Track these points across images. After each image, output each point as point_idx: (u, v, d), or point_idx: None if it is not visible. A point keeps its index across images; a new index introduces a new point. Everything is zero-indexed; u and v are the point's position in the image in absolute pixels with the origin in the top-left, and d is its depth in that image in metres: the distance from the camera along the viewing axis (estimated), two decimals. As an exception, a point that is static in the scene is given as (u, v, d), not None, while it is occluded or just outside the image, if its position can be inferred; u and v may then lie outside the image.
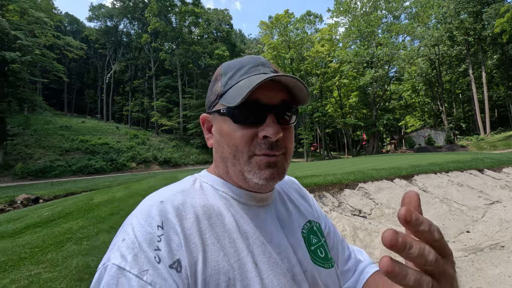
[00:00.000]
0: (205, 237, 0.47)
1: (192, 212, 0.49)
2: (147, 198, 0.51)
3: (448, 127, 37.29)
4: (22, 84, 24.28)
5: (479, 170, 7.73)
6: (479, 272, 3.11)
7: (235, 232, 0.50)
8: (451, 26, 35.64)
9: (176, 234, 0.45)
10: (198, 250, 0.45)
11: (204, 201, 0.52)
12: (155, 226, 0.44)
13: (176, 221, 0.46)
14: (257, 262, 0.48)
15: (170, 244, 0.43)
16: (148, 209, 0.47)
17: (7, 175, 22.10)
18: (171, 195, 0.50)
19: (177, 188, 0.53)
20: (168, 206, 0.47)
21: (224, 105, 0.52)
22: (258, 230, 0.52)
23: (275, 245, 0.53)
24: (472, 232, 4.50)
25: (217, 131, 0.55)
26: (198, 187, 0.55)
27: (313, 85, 40.90)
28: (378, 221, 4.90)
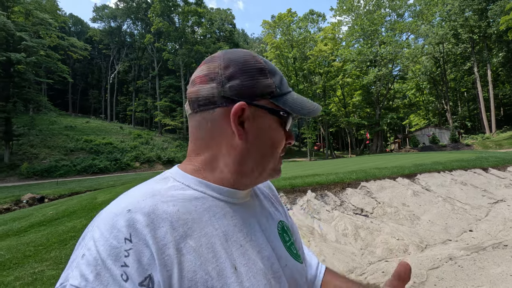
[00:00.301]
0: (180, 247, 0.42)
1: (165, 220, 0.43)
2: (111, 205, 0.44)
3: (453, 126, 36.93)
4: (27, 85, 24.55)
5: (484, 169, 7.66)
6: (481, 271, 3.09)
7: (213, 236, 0.46)
8: (456, 23, 35.27)
9: (147, 246, 0.40)
10: (173, 262, 0.41)
11: (179, 205, 0.46)
12: (121, 239, 0.39)
13: (147, 231, 0.41)
14: (236, 265, 0.46)
15: (140, 258, 0.39)
16: (113, 219, 0.41)
17: (13, 174, 22.38)
18: (140, 201, 0.44)
19: (146, 191, 0.46)
20: (137, 215, 0.41)
21: (279, 107, 0.52)
22: (237, 230, 0.50)
23: (255, 243, 0.51)
24: (475, 231, 4.47)
25: (262, 129, 0.51)
26: (171, 187, 0.49)
27: (316, 84, 40.80)
28: (380, 220, 4.89)
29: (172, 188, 0.49)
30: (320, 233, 4.43)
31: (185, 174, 0.52)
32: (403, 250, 3.97)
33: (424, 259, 3.57)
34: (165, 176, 0.52)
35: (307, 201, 5.39)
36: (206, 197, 0.50)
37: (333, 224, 4.70)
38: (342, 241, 4.26)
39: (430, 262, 3.45)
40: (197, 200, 0.49)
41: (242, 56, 0.52)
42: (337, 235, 4.39)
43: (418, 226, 4.73)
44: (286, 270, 0.54)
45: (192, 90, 0.52)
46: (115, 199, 0.46)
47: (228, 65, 0.51)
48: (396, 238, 4.22)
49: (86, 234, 0.42)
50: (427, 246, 4.08)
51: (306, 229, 4.47)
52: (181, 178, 0.51)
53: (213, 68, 0.51)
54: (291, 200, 5.50)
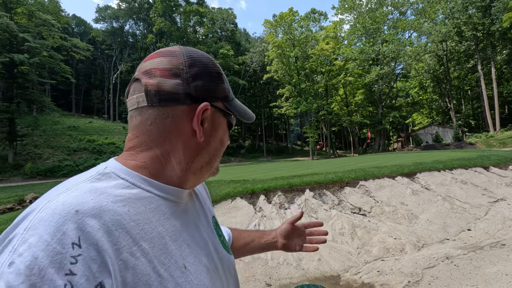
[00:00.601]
0: (133, 250, 0.40)
1: (117, 221, 0.40)
2: (51, 202, 0.38)
3: (456, 124, 36.65)
4: (30, 85, 24.73)
5: (485, 167, 7.60)
6: (477, 270, 3.07)
7: (164, 237, 0.45)
8: (459, 21, 34.98)
9: (98, 251, 0.36)
10: (127, 267, 0.38)
11: (129, 206, 0.43)
12: (68, 244, 0.34)
13: (100, 235, 0.37)
14: (186, 264, 0.46)
15: (91, 265, 0.35)
16: (57, 220, 0.36)
17: (17, 174, 22.59)
18: (88, 200, 0.39)
19: (90, 188, 0.42)
20: (87, 217, 0.37)
21: (231, 111, 0.56)
22: (183, 229, 0.51)
23: (199, 241, 0.53)
24: (473, 230, 4.44)
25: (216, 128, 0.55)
26: (117, 185, 0.45)
27: (318, 83, 40.67)
28: (378, 219, 4.87)
29: (118, 186, 0.45)
30: (317, 232, 4.43)
31: (129, 171, 0.48)
32: (400, 249, 3.95)
33: (420, 258, 3.55)
34: (106, 171, 0.47)
35: (305, 200, 5.39)
36: (153, 197, 0.48)
37: (330, 223, 4.69)
38: (338, 240, 4.25)
39: (426, 261, 3.43)
40: (145, 199, 0.46)
41: (204, 57, 0.53)
42: (334, 234, 4.38)
43: (416, 225, 4.70)
44: (223, 262, 0.58)
45: (150, 82, 0.49)
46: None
47: (192, 64, 0.51)
48: (393, 237, 4.20)
49: (14, 236, 0.35)
50: (424, 245, 4.06)
51: (303, 228, 4.46)
52: (125, 175, 0.47)
53: (177, 64, 0.50)
54: (289, 199, 5.50)
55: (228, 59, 44.83)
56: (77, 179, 0.44)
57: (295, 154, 52.23)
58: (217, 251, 0.58)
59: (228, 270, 0.59)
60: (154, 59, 0.51)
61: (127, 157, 0.50)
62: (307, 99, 36.29)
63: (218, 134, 0.55)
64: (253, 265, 3.61)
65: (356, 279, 3.25)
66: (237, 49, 53.48)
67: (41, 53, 24.50)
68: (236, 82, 45.83)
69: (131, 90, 0.52)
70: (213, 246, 0.57)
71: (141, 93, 0.49)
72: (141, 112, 0.50)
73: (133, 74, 0.52)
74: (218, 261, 0.56)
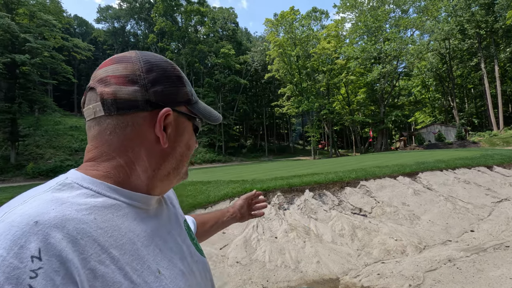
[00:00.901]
0: (102, 258, 0.38)
1: (81, 230, 0.38)
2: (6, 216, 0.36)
3: (459, 123, 36.33)
4: (32, 86, 24.79)
5: (488, 167, 7.47)
6: (480, 274, 2.98)
7: (135, 242, 0.44)
8: (462, 19, 34.63)
9: (61, 263, 0.34)
10: (95, 277, 0.36)
11: (95, 214, 0.41)
12: (26, 258, 0.32)
13: (64, 245, 0.35)
14: (160, 269, 0.46)
15: (53, 277, 0.33)
16: (14, 233, 0.33)
17: (19, 175, 22.67)
18: (49, 210, 0.37)
19: (50, 198, 0.39)
20: (48, 227, 0.35)
21: (195, 115, 0.56)
22: (154, 235, 0.50)
23: (171, 246, 0.53)
24: (476, 231, 4.34)
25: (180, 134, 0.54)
26: (80, 195, 0.42)
27: (320, 82, 40.49)
28: (379, 220, 4.78)
29: (82, 195, 0.43)
30: (316, 233, 4.35)
31: (93, 180, 0.46)
32: (401, 251, 3.86)
33: (421, 260, 3.46)
34: (67, 182, 0.44)
35: (304, 200, 5.31)
36: (121, 204, 0.46)
37: (330, 224, 4.61)
38: (338, 242, 4.17)
39: (427, 264, 3.34)
40: (112, 207, 0.44)
41: (162, 61, 0.52)
42: (334, 236, 4.30)
43: (417, 226, 4.61)
44: (198, 265, 0.58)
45: (106, 91, 0.47)
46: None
47: (150, 69, 0.49)
48: (394, 239, 4.11)
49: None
50: (426, 247, 3.97)
51: (302, 229, 4.39)
52: (88, 184, 0.45)
53: (133, 70, 0.48)
54: (288, 200, 5.42)
55: (229, 59, 44.72)
56: (36, 190, 0.42)
57: (297, 154, 52.08)
58: (192, 254, 0.58)
59: (204, 273, 0.60)
60: (108, 66, 0.49)
61: (88, 167, 0.48)
62: (309, 98, 36.14)
63: (183, 139, 0.54)
64: (250, 267, 3.54)
65: (356, 282, 3.18)
66: (238, 48, 53.36)
67: (43, 53, 24.55)
68: (237, 82, 45.73)
69: (87, 99, 0.49)
70: (188, 249, 0.57)
71: (97, 103, 0.47)
72: (99, 122, 0.48)
73: None
74: (193, 264, 0.56)
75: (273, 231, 4.42)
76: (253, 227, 4.46)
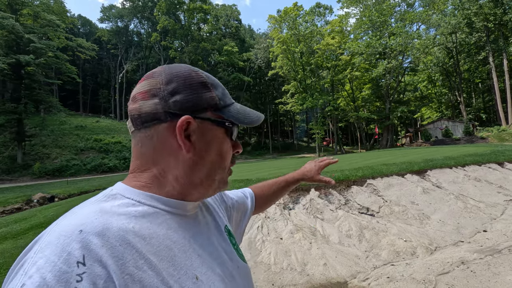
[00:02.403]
0: (140, 264, 0.41)
1: (121, 237, 0.41)
2: (57, 226, 0.40)
3: (467, 118, 35.71)
4: (37, 86, 24.99)
5: (499, 163, 7.27)
6: (496, 278, 2.84)
7: (172, 248, 0.46)
8: (469, 12, 33.89)
9: (103, 267, 0.37)
10: (133, 281, 0.39)
11: (133, 221, 0.45)
12: (73, 263, 0.36)
13: (104, 252, 0.38)
14: (197, 274, 0.47)
15: (96, 281, 0.36)
16: (63, 241, 0.37)
17: (26, 174, 22.93)
18: (92, 220, 0.41)
19: (95, 209, 0.44)
20: (90, 235, 0.39)
21: (225, 119, 0.54)
22: (193, 241, 0.52)
23: (210, 251, 0.54)
24: (489, 232, 4.18)
25: (209, 141, 0.53)
26: (121, 205, 0.47)
27: (324, 78, 40.12)
28: (387, 220, 4.64)
29: (123, 205, 0.47)
30: (322, 234, 4.24)
31: (134, 190, 0.50)
32: (411, 252, 3.73)
33: (433, 262, 3.33)
34: (112, 193, 0.49)
35: (310, 200, 5.19)
36: (159, 212, 0.49)
37: (337, 224, 4.49)
38: (345, 243, 4.05)
39: (440, 267, 3.21)
40: (150, 215, 0.48)
41: (184, 71, 0.53)
42: (341, 236, 4.18)
43: (427, 226, 4.47)
44: (239, 271, 0.58)
45: (133, 107, 0.51)
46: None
47: (170, 80, 0.51)
48: (404, 240, 3.98)
49: (26, 260, 0.37)
50: (437, 248, 3.83)
51: (308, 230, 4.28)
52: (130, 194, 0.49)
53: (155, 83, 0.51)
54: (294, 199, 5.31)
55: (233, 56, 44.56)
56: (86, 202, 0.47)
57: (301, 151, 51.85)
58: (232, 260, 0.58)
59: (245, 278, 0.59)
60: (138, 84, 0.54)
61: (131, 179, 0.53)
62: (313, 95, 35.85)
63: (212, 145, 0.53)
64: (255, 270, 3.44)
65: (365, 286, 3.06)
66: (241, 45, 53.14)
67: (47, 53, 24.71)
68: (241, 79, 45.59)
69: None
70: (227, 255, 0.58)
71: (128, 119, 0.53)
72: (133, 137, 0.53)
73: (139, 73, 0.56)
74: (233, 269, 0.56)
75: (278, 231, 4.32)
76: (257, 228, 4.36)
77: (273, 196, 1.01)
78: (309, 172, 1.04)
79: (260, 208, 0.97)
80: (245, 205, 0.88)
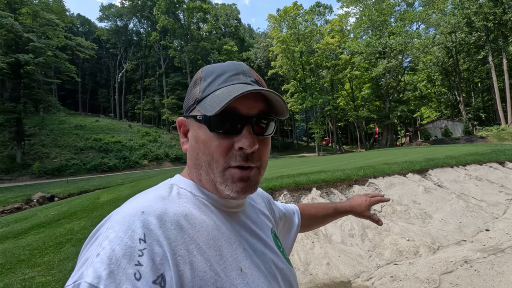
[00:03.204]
0: (191, 248, 0.45)
1: (176, 222, 0.45)
2: (124, 207, 0.46)
3: (466, 118, 35.76)
4: (36, 85, 24.92)
5: (500, 162, 7.27)
6: (500, 277, 2.83)
7: (219, 239, 0.49)
8: (469, 11, 33.91)
9: (160, 246, 0.41)
10: (185, 262, 0.43)
11: (186, 209, 0.49)
12: (136, 240, 0.41)
13: (160, 232, 0.43)
14: (242, 267, 0.49)
15: (154, 258, 0.40)
16: (128, 220, 0.43)
17: (26, 174, 22.87)
18: (152, 204, 0.46)
19: (155, 195, 0.49)
20: (151, 217, 0.44)
21: (201, 112, 0.51)
22: (239, 235, 0.54)
23: (255, 248, 0.55)
24: (492, 231, 4.18)
25: (193, 137, 0.54)
26: (176, 194, 0.52)
27: (324, 78, 40.11)
28: (389, 219, 4.64)
29: (178, 195, 0.52)
30: (324, 233, 4.23)
31: (188, 182, 0.56)
32: (414, 251, 3.73)
33: (436, 262, 3.32)
34: (170, 183, 0.55)
35: (312, 199, 5.18)
36: (208, 204, 0.53)
37: (339, 223, 4.48)
38: (348, 242, 4.04)
39: (443, 266, 3.20)
40: (201, 206, 0.52)
41: (197, 73, 0.58)
42: (343, 236, 4.18)
43: (430, 225, 4.46)
44: (282, 273, 0.58)
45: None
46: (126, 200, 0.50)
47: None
48: (406, 239, 3.97)
49: (100, 234, 0.43)
50: (440, 247, 3.82)
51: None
52: (184, 185, 0.55)
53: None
54: (295, 198, 5.30)
55: (232, 55, 44.51)
56: (147, 191, 0.53)
57: (301, 150, 51.85)
58: (276, 261, 0.58)
59: (288, 281, 0.59)
60: None
61: (186, 171, 0.59)
62: (313, 94, 35.85)
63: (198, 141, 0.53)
64: (258, 270, 3.43)
65: (369, 285, 3.05)
66: (241, 45, 53.09)
67: (46, 52, 24.63)
68: (240, 79, 45.47)
69: None
70: (273, 256, 0.58)
71: None
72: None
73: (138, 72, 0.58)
74: (276, 270, 0.57)
75: (281, 231, 4.31)
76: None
77: (319, 220, 1.00)
78: (359, 207, 1.01)
79: (305, 228, 0.96)
80: (292, 220, 0.88)
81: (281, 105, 0.52)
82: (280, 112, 0.54)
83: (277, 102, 0.52)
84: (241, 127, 0.50)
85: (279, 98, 0.51)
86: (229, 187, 0.51)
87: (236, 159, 0.51)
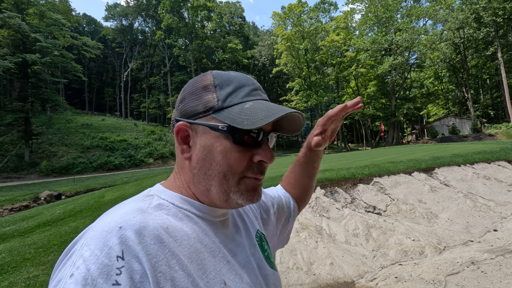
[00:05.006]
0: (172, 263, 0.43)
1: (156, 236, 0.43)
2: (100, 222, 0.43)
3: (474, 115, 35.19)
4: (43, 85, 25.28)
5: (509, 161, 7.12)
6: (508, 279, 2.77)
7: (202, 252, 0.48)
8: (478, 6, 33.23)
9: (139, 263, 0.39)
10: (166, 279, 0.41)
11: (167, 222, 0.46)
12: (113, 257, 0.38)
13: (140, 248, 0.40)
14: (226, 280, 0.48)
15: (133, 276, 0.38)
16: (105, 236, 0.40)
17: (33, 172, 23.25)
18: (131, 218, 0.43)
19: (134, 207, 0.46)
20: (129, 232, 0.41)
21: (221, 122, 0.48)
22: (222, 246, 0.52)
23: (239, 258, 0.54)
24: (500, 231, 4.10)
25: (204, 146, 0.49)
26: (156, 205, 0.49)
27: (329, 75, 39.83)
28: (394, 218, 4.58)
29: (159, 206, 0.49)
30: (328, 233, 4.19)
31: (169, 192, 0.52)
32: (419, 252, 3.67)
33: (442, 262, 3.27)
34: (150, 194, 0.52)
35: (315, 198, 5.14)
36: (191, 215, 0.51)
37: (343, 223, 4.44)
38: (352, 242, 4.00)
39: (449, 267, 3.15)
40: (183, 218, 0.49)
41: (196, 78, 0.55)
42: (347, 235, 4.13)
43: (435, 225, 4.39)
44: (267, 279, 0.58)
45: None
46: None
47: (184, 89, 0.54)
48: (412, 239, 3.92)
49: (74, 252, 0.40)
50: (446, 247, 3.76)
51: (314, 229, 4.23)
52: (165, 196, 0.51)
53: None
54: (299, 197, 5.27)
55: (237, 54, 44.47)
56: (125, 202, 0.49)
57: (306, 148, 51.53)
58: (261, 267, 0.58)
59: (274, 286, 0.59)
60: None
61: (170, 180, 0.56)
62: (318, 92, 35.65)
63: (210, 151, 0.49)
64: (261, 269, 3.41)
65: (372, 286, 3.01)
66: (245, 43, 52.98)
67: (53, 52, 24.92)
68: (245, 77, 45.53)
69: None
70: (256, 263, 0.57)
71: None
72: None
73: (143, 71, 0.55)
74: (262, 278, 0.56)
75: (284, 230, 4.28)
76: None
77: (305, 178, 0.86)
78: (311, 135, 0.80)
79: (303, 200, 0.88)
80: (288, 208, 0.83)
81: (297, 124, 0.56)
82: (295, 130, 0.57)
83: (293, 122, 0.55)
84: (261, 140, 0.51)
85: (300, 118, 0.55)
86: (243, 196, 0.51)
87: (253, 171, 0.51)
